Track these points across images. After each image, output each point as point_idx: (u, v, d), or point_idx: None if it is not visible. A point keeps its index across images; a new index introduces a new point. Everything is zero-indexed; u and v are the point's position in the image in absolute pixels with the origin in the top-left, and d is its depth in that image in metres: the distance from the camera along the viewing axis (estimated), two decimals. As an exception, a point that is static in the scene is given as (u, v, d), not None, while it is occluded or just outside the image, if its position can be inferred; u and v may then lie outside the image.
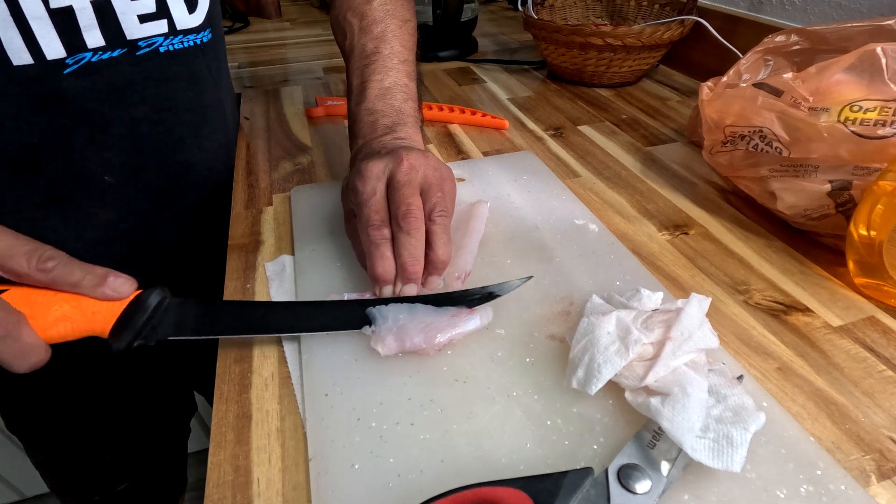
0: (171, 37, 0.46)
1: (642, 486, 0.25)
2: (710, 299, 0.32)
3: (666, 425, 0.26)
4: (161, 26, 0.44)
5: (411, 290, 0.36)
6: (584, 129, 0.66)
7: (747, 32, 0.72)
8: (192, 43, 0.48)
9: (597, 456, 0.27)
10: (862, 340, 0.35)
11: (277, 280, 0.41)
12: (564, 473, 0.24)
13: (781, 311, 0.37)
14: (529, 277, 0.38)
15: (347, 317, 0.34)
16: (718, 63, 0.64)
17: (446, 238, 0.36)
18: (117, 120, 0.45)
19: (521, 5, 0.81)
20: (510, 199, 0.50)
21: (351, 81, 0.48)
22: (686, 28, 0.73)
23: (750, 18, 0.73)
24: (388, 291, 0.36)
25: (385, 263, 0.35)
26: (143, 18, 0.43)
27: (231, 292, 0.40)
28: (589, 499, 0.24)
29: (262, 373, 0.33)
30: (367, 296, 0.37)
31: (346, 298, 0.36)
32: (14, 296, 0.30)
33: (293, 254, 0.43)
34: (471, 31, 0.97)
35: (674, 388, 0.27)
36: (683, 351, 0.29)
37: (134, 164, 0.48)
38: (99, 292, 0.31)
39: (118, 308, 0.32)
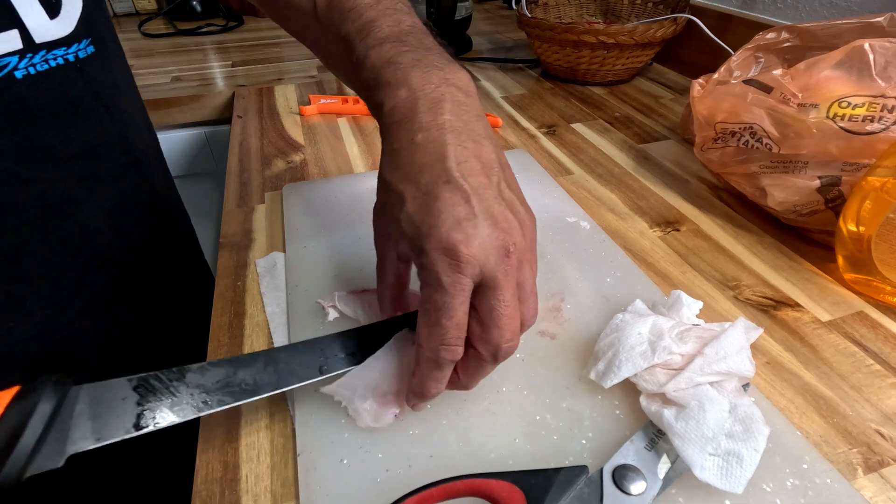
0: (30, 54, 0.32)
1: (637, 487, 0.24)
2: (760, 330, 0.30)
3: (676, 443, 0.25)
4: (11, 40, 0.31)
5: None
6: (578, 126, 0.66)
7: (739, 30, 0.72)
8: (62, 61, 0.34)
9: (585, 451, 0.27)
10: (851, 335, 0.35)
11: (268, 276, 0.41)
12: (558, 470, 0.24)
13: (771, 307, 0.38)
14: None
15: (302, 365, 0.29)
16: (711, 61, 0.64)
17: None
18: None
19: (515, 4, 0.81)
20: (502, 196, 0.49)
21: (344, 29, 0.32)
22: (679, 26, 0.73)
23: (742, 16, 0.74)
24: (423, 406, 0.29)
25: (441, 386, 0.27)
26: None
27: (222, 289, 0.40)
28: (582, 497, 0.24)
29: (251, 369, 0.33)
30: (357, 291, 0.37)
31: (336, 299, 0.36)
32: None
33: (284, 251, 0.43)
34: (465, 30, 0.97)
35: (691, 401, 0.26)
36: (713, 370, 0.27)
37: (9, 249, 0.34)
38: None
39: None
